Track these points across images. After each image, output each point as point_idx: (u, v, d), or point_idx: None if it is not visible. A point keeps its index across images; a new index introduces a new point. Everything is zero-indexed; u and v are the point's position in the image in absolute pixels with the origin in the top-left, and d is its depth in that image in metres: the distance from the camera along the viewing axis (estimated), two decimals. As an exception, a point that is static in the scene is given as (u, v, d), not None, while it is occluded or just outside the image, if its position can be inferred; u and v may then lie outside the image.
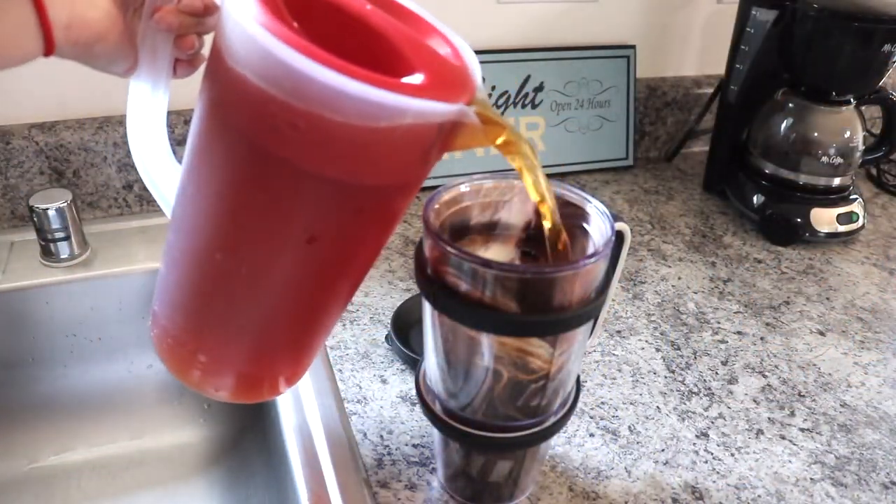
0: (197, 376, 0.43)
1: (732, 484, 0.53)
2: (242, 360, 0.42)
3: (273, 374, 0.44)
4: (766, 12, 0.83)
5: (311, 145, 0.32)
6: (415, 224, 0.83)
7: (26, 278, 0.70)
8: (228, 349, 0.42)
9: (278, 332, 0.41)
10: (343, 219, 0.36)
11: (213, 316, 0.41)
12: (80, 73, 0.76)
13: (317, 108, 0.31)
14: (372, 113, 0.31)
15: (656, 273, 0.78)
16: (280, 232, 0.36)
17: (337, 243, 0.37)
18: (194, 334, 0.41)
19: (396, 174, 0.36)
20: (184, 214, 0.39)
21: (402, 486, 0.51)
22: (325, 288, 0.40)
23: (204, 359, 0.42)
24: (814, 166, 0.85)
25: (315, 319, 0.42)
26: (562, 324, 0.39)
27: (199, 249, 0.38)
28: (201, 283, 0.39)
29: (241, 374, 0.43)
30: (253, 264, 0.37)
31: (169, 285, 0.41)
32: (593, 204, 0.43)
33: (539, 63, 0.93)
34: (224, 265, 0.37)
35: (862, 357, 0.67)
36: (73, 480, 0.72)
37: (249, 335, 0.41)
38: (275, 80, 0.31)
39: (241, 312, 0.40)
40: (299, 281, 0.39)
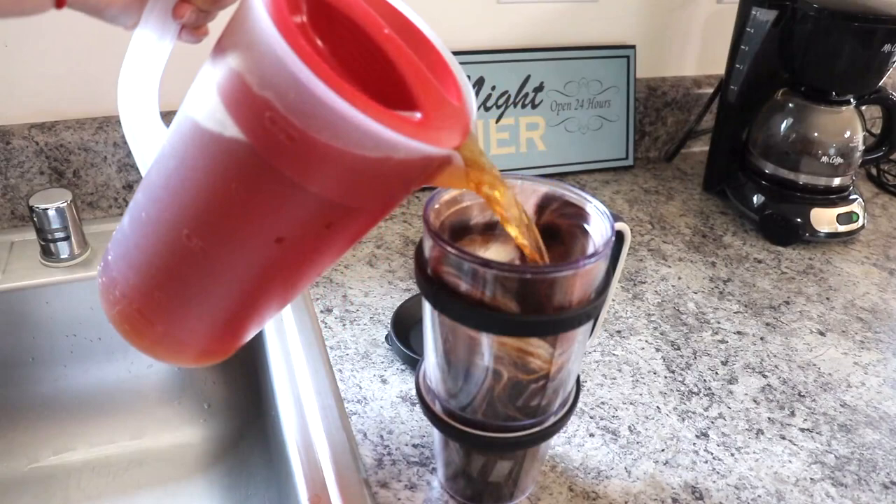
0: (127, 330, 0.43)
1: (732, 484, 0.53)
2: (179, 327, 0.43)
3: (201, 348, 0.45)
4: (766, 12, 0.83)
5: (302, 159, 0.33)
6: (415, 224, 0.83)
7: (26, 278, 0.70)
8: (169, 316, 0.42)
9: (221, 312, 0.42)
10: (314, 229, 0.37)
11: (165, 284, 0.41)
12: (81, 73, 0.77)
13: (315, 127, 0.31)
14: (368, 143, 0.32)
15: (656, 273, 0.78)
16: (252, 228, 0.37)
17: (302, 248, 0.38)
18: (142, 295, 0.42)
19: (375, 200, 0.37)
20: (160, 184, 0.39)
21: (402, 486, 0.51)
22: (278, 283, 0.41)
23: (142, 317, 0.42)
24: (814, 166, 0.85)
25: (260, 309, 0.43)
26: (562, 324, 0.39)
27: (167, 222, 0.39)
28: (162, 253, 0.40)
29: (171, 338, 0.44)
30: (217, 249, 0.38)
31: (128, 243, 0.42)
32: (593, 204, 0.43)
33: (539, 63, 0.93)
34: (188, 243, 0.38)
35: (862, 357, 0.67)
36: (73, 480, 0.72)
37: (194, 309, 0.42)
38: (278, 88, 0.31)
39: (193, 287, 0.40)
40: (256, 272, 0.39)
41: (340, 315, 0.67)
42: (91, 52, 0.76)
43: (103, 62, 0.77)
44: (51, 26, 0.73)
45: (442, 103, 0.36)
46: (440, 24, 0.89)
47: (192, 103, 0.36)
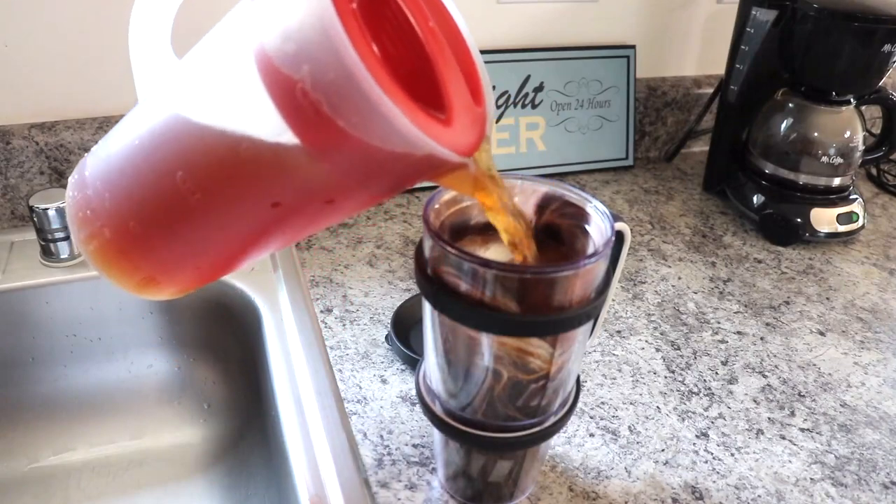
0: (93, 251, 0.42)
1: (732, 484, 0.53)
2: (148, 260, 0.42)
3: (169, 282, 0.44)
4: (766, 12, 0.83)
5: (323, 135, 0.32)
6: (415, 224, 0.83)
7: (26, 278, 0.70)
8: (140, 248, 0.41)
9: (195, 255, 0.42)
10: (313, 202, 0.37)
11: (144, 218, 0.40)
12: (81, 73, 0.77)
13: (346, 111, 0.31)
14: (393, 138, 0.32)
15: (656, 273, 0.78)
16: (251, 188, 0.36)
17: (296, 216, 0.38)
18: (116, 221, 0.40)
19: (382, 186, 0.37)
20: (161, 117, 0.38)
21: (402, 486, 0.51)
22: (259, 241, 0.41)
23: (111, 243, 0.41)
24: (814, 166, 0.85)
25: (235, 259, 0.43)
26: (562, 324, 0.39)
27: (162, 158, 0.37)
28: (147, 187, 0.39)
29: (138, 268, 0.42)
30: (208, 200, 0.37)
31: (111, 164, 0.40)
32: (593, 204, 0.43)
33: (539, 63, 0.93)
34: (180, 185, 0.37)
35: (862, 357, 0.67)
36: (73, 480, 0.72)
37: (169, 246, 0.41)
38: (318, 65, 0.31)
39: (172, 227, 0.40)
40: (242, 228, 0.39)
41: (340, 315, 0.67)
42: (91, 52, 0.76)
43: (103, 62, 0.77)
44: (51, 26, 0.73)
45: (468, 107, 0.37)
46: (440, 24, 0.89)
47: (217, 44, 0.36)
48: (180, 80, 0.37)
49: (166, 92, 0.38)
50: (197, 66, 0.37)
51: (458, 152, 0.34)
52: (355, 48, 0.30)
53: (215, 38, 0.36)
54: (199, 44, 0.37)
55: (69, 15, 0.73)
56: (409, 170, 0.35)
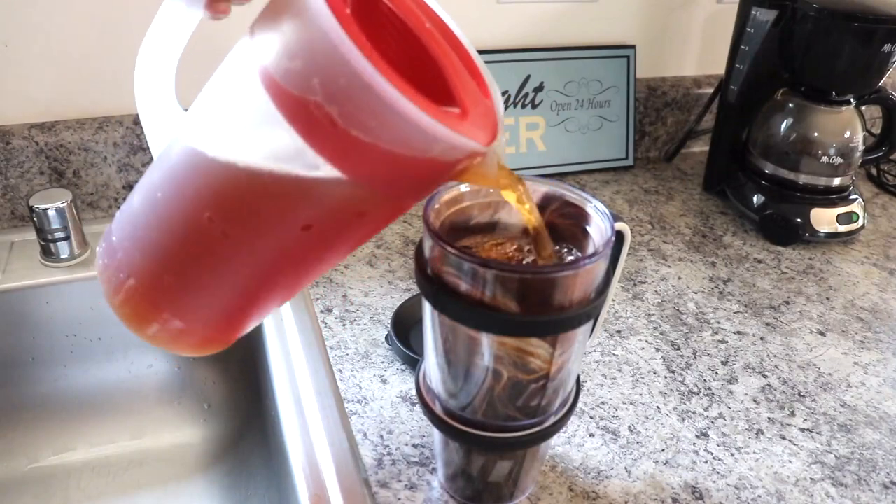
0: (129, 315, 0.42)
1: (732, 484, 0.53)
2: (185, 313, 0.41)
3: (204, 336, 0.43)
4: (766, 12, 0.83)
5: (342, 145, 0.32)
6: (415, 224, 0.83)
7: (26, 278, 0.70)
8: (177, 302, 0.41)
9: (232, 299, 0.41)
10: (343, 218, 0.36)
11: (178, 268, 0.40)
12: (81, 72, 0.77)
13: (362, 115, 0.31)
14: (412, 134, 0.32)
15: (656, 273, 0.78)
16: (282, 215, 0.36)
17: (328, 237, 0.38)
18: (150, 278, 0.40)
19: (406, 190, 0.37)
20: (181, 164, 0.38)
21: (402, 486, 0.51)
22: (296, 272, 0.40)
23: (147, 302, 0.41)
24: (814, 166, 0.85)
25: (270, 297, 0.42)
26: (562, 324, 0.39)
27: (188, 203, 0.37)
28: (177, 235, 0.38)
29: (176, 325, 0.42)
30: (239, 234, 0.37)
31: (138, 223, 0.40)
32: (593, 204, 0.43)
33: (539, 63, 0.93)
34: (209, 226, 0.37)
35: (862, 357, 0.67)
36: (73, 480, 0.72)
37: (205, 294, 0.40)
38: (327, 74, 0.31)
39: (207, 272, 0.39)
40: (276, 260, 0.39)
41: (340, 315, 0.67)
42: (91, 52, 0.76)
43: (104, 62, 0.77)
44: (51, 26, 0.73)
45: (477, 100, 0.36)
46: (440, 24, 0.89)
47: (223, 83, 0.36)
48: (193, 124, 0.37)
49: (180, 140, 0.38)
50: (208, 107, 0.37)
51: (478, 141, 0.34)
52: (361, 51, 0.30)
53: (221, 78, 0.36)
54: (205, 87, 0.37)
55: (69, 15, 0.73)
56: (434, 167, 0.35)
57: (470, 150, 0.34)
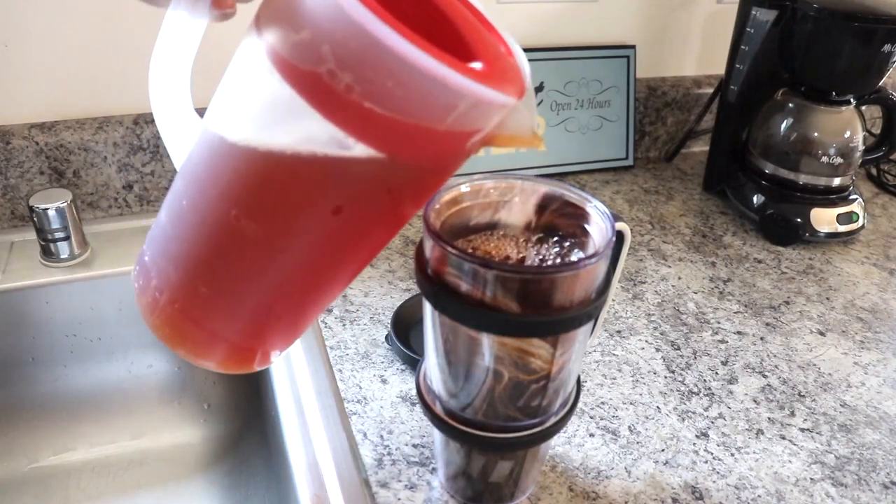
0: (168, 334, 0.40)
1: (732, 484, 0.53)
2: (226, 325, 0.40)
3: (252, 347, 0.42)
4: (766, 12, 0.83)
5: (362, 113, 0.31)
6: (415, 224, 0.83)
7: (26, 278, 0.70)
8: (216, 313, 0.40)
9: (270, 304, 0.40)
10: (373, 194, 0.35)
11: (211, 276, 0.38)
12: (81, 72, 0.77)
13: (378, 76, 0.30)
14: (434, 91, 0.30)
15: (656, 273, 0.78)
16: (309, 197, 0.34)
17: (360, 219, 0.36)
18: (185, 291, 0.39)
19: (434, 158, 0.35)
20: (202, 165, 0.37)
21: (402, 486, 0.51)
22: (335, 261, 0.39)
23: (185, 317, 0.39)
24: (814, 166, 0.85)
25: (319, 292, 0.41)
26: (562, 324, 0.39)
27: (212, 204, 0.36)
28: (207, 240, 0.37)
29: (217, 339, 0.41)
30: (267, 227, 0.36)
31: (167, 236, 0.39)
32: (593, 204, 0.43)
33: (539, 63, 0.93)
34: (237, 224, 0.36)
35: (862, 357, 0.67)
36: (73, 480, 0.72)
37: (242, 301, 0.39)
38: (336, 38, 0.30)
39: (241, 275, 0.38)
40: (308, 250, 0.37)
41: (340, 315, 0.67)
42: (91, 51, 0.76)
43: (104, 62, 0.77)
44: (51, 27, 0.73)
45: (499, 55, 0.35)
46: (440, 23, 0.89)
47: (236, 74, 0.35)
48: (210, 118, 0.37)
49: (200, 140, 0.38)
50: (224, 100, 0.36)
51: (506, 92, 0.32)
52: (368, 8, 0.29)
53: (233, 70, 0.36)
54: (220, 84, 0.36)
55: (69, 15, 0.73)
56: (460, 128, 0.33)
57: (498, 103, 0.32)
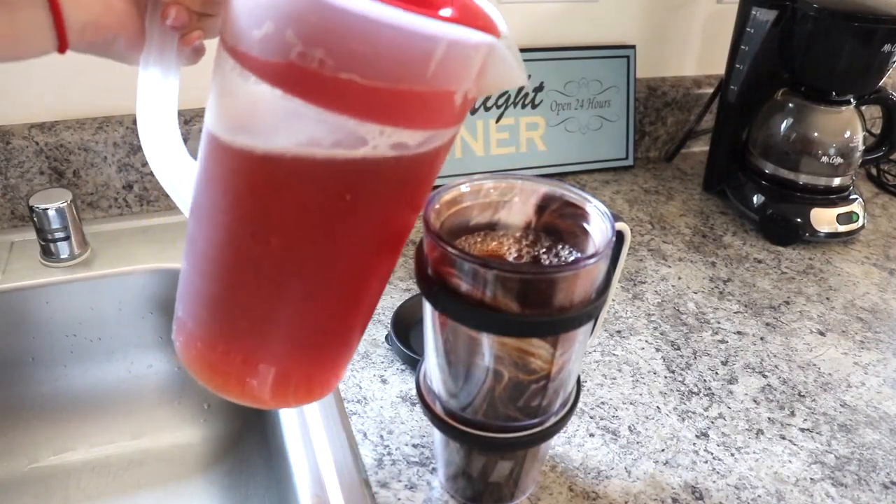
0: (221, 384, 0.40)
1: (732, 484, 0.53)
2: (271, 355, 0.39)
3: (307, 373, 0.41)
4: (766, 12, 0.83)
5: (340, 88, 0.31)
6: (415, 224, 0.83)
7: (26, 278, 0.70)
8: (258, 344, 0.38)
9: (308, 321, 0.39)
10: (380, 175, 0.35)
11: (243, 307, 0.37)
12: (80, 73, 0.77)
13: (348, 43, 0.30)
14: (406, 44, 0.30)
15: (656, 273, 0.78)
16: (318, 191, 0.34)
17: (371, 205, 0.36)
18: (223, 331, 0.38)
19: (431, 119, 0.34)
20: (209, 195, 0.37)
21: (402, 486, 0.51)
22: (361, 263, 0.38)
23: (231, 358, 0.38)
24: (814, 166, 0.85)
25: (353, 299, 0.40)
26: (562, 324, 0.39)
27: (227, 232, 0.36)
28: (230, 270, 0.37)
29: (269, 373, 0.39)
30: (286, 234, 0.35)
31: (193, 282, 0.39)
32: (593, 204, 0.43)
33: (539, 63, 0.93)
34: (255, 242, 0.35)
35: (862, 357, 0.67)
36: (73, 480, 0.72)
37: (279, 324, 0.38)
38: (296, 16, 0.30)
39: (271, 297, 0.37)
40: (327, 250, 0.36)
41: (340, 315, 0.67)
42: (91, 51, 0.75)
43: (103, 62, 0.76)
44: (51, 26, 0.73)
45: (466, 5, 0.35)
46: (440, 23, 0.89)
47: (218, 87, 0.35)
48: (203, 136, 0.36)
49: (199, 171, 0.37)
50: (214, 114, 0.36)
51: (481, 29, 0.32)
52: None
53: (215, 85, 0.35)
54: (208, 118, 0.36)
55: (69, 15, 0.73)
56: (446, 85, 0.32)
57: (473, 42, 0.32)
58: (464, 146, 0.91)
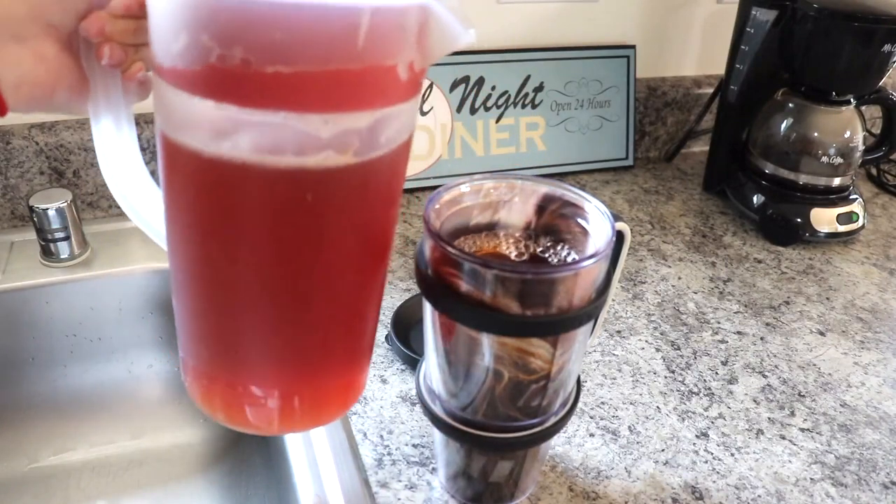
0: (243, 420, 0.39)
1: (732, 484, 0.53)
2: (289, 382, 0.38)
3: (316, 396, 0.39)
4: (766, 12, 0.83)
5: (270, 83, 0.29)
6: (415, 224, 0.83)
7: (26, 278, 0.70)
8: (266, 373, 0.37)
9: (312, 339, 0.37)
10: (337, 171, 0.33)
11: (235, 334, 0.37)
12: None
13: (259, 34, 0.28)
14: (322, 23, 0.29)
15: (656, 273, 0.78)
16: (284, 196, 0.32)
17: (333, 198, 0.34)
18: (225, 363, 0.37)
19: (373, 97, 0.32)
20: (173, 222, 0.36)
21: (402, 486, 0.51)
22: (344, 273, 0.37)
23: (242, 390, 0.38)
24: (814, 166, 0.85)
25: (346, 311, 0.38)
26: (562, 324, 0.39)
27: (196, 254, 0.35)
28: (209, 299, 0.36)
29: (292, 400, 0.38)
30: (254, 251, 0.34)
31: (182, 318, 0.38)
32: (593, 204, 0.43)
33: (539, 63, 0.93)
34: (225, 263, 0.34)
35: (862, 357, 0.67)
36: (73, 480, 0.72)
37: (284, 348, 0.37)
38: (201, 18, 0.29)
39: (262, 322, 0.36)
40: (312, 268, 0.35)
41: (340, 315, 0.67)
42: (91, 51, 0.75)
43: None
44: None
45: None
46: (440, 24, 0.89)
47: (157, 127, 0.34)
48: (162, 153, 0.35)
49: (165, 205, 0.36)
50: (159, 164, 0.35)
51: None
52: None
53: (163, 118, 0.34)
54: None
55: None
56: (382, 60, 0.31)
57: (399, 7, 0.30)
58: (464, 146, 0.91)
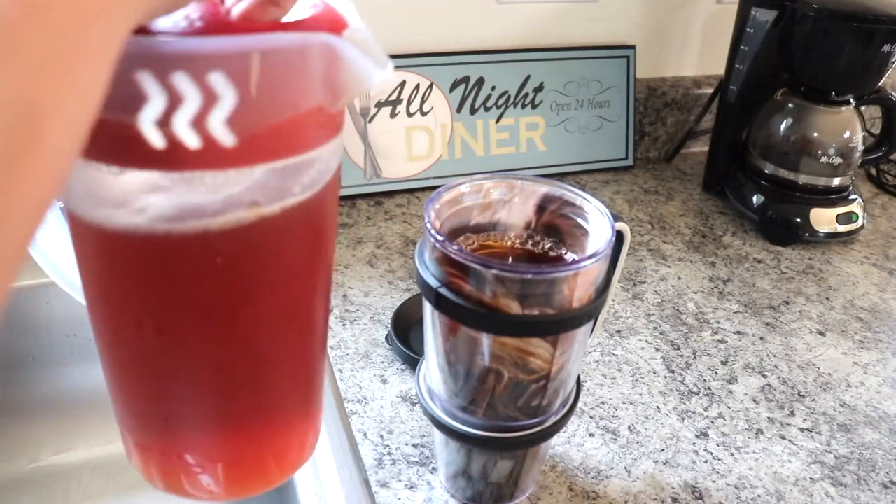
0: (186, 483, 0.37)
1: (732, 484, 0.53)
2: (226, 447, 0.36)
3: (273, 452, 0.38)
4: (766, 12, 0.83)
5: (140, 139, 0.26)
6: (415, 224, 0.83)
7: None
8: (201, 439, 0.36)
9: (241, 405, 0.35)
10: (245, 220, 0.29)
11: (163, 400, 0.35)
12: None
13: None
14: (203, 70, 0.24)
15: (656, 273, 0.78)
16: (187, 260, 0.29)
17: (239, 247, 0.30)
18: (155, 433, 0.36)
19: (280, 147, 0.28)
20: (88, 297, 0.34)
21: (402, 486, 0.51)
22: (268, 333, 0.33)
23: (182, 459, 0.36)
24: (813, 166, 0.85)
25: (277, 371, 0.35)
26: (562, 324, 0.39)
27: (108, 324, 0.33)
28: (133, 366, 0.34)
29: (233, 465, 0.36)
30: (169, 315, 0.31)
31: (110, 385, 0.36)
32: (593, 204, 0.43)
33: (539, 63, 0.93)
34: (146, 333, 0.32)
35: (862, 357, 0.67)
36: (73, 480, 0.72)
37: (215, 415, 0.35)
38: None
39: (193, 387, 0.34)
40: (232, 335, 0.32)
41: (340, 315, 0.67)
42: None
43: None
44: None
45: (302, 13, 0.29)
46: (440, 24, 0.89)
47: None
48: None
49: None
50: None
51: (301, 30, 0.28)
52: None
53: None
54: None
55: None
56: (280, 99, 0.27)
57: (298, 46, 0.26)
58: (464, 146, 0.91)
